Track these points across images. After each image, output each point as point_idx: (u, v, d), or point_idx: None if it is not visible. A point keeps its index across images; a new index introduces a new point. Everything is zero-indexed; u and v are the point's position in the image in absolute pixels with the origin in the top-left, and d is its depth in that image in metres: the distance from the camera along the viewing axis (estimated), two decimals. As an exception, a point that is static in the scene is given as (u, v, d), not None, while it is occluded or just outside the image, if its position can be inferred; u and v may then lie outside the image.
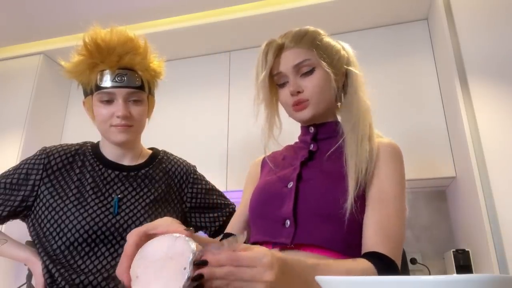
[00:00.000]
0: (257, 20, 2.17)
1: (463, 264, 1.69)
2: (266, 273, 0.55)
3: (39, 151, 1.15)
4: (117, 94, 1.09)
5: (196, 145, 2.23)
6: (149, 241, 0.62)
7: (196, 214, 1.23)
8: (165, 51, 1.23)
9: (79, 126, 2.53)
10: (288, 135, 1.04)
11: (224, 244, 0.56)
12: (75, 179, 1.11)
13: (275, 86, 0.97)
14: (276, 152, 1.05)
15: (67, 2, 2.15)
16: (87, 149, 1.18)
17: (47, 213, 1.07)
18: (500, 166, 1.54)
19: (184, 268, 0.54)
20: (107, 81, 1.08)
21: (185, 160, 1.29)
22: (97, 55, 1.08)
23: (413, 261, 1.96)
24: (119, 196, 1.11)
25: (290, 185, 0.89)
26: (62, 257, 1.04)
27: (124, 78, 1.09)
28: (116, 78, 1.08)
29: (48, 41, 2.47)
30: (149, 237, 0.63)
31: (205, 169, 1.37)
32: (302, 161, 0.93)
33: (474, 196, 1.57)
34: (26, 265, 1.10)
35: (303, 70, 0.92)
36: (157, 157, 1.24)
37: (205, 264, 0.55)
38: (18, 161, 1.89)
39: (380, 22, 2.17)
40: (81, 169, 1.13)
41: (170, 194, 1.19)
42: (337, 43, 0.97)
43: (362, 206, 0.83)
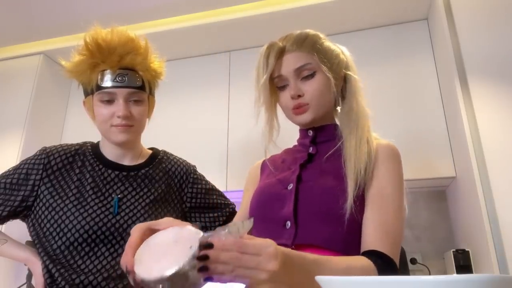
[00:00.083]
0: (257, 20, 2.17)
1: (463, 264, 1.69)
2: (270, 262, 0.56)
3: (39, 151, 1.15)
4: (118, 94, 1.09)
5: (196, 145, 2.23)
6: (155, 233, 0.63)
7: (196, 214, 1.23)
8: (165, 51, 1.23)
9: (79, 126, 2.53)
10: (287, 138, 1.04)
11: (229, 226, 0.56)
12: (75, 179, 1.11)
13: (275, 89, 0.97)
14: (275, 155, 1.06)
15: (67, 2, 2.15)
16: (87, 149, 1.18)
17: (47, 213, 1.07)
18: (500, 166, 1.54)
19: (191, 247, 0.54)
20: (108, 81, 1.08)
21: (185, 160, 1.29)
22: (98, 55, 1.08)
23: (413, 261, 1.96)
24: (119, 196, 1.11)
25: (290, 186, 0.89)
26: (62, 257, 1.04)
27: (125, 78, 1.09)
28: (117, 78, 1.08)
29: (48, 41, 2.47)
30: (153, 232, 0.64)
31: (205, 169, 1.37)
32: (301, 163, 0.93)
33: (474, 196, 1.57)
34: (26, 265, 1.10)
35: (304, 74, 0.92)
36: (157, 157, 1.24)
37: (211, 247, 0.55)
38: (18, 161, 1.89)
39: (380, 22, 2.17)
40: (81, 169, 1.13)
41: (170, 194, 1.19)
42: (336, 47, 0.98)
43: (362, 206, 0.84)
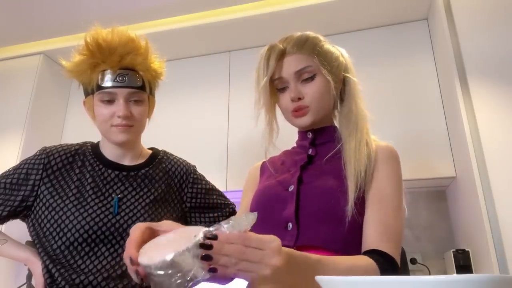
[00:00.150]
0: (257, 20, 2.17)
1: (463, 264, 1.69)
2: (274, 257, 0.55)
3: (39, 151, 1.15)
4: (118, 94, 1.09)
5: (196, 145, 2.23)
6: (159, 236, 0.63)
7: (196, 214, 1.23)
8: (165, 51, 1.23)
9: (79, 126, 2.53)
10: (286, 139, 1.04)
11: (232, 220, 0.56)
12: (75, 179, 1.11)
13: (275, 91, 0.97)
14: (274, 157, 1.06)
15: (67, 2, 2.15)
16: (87, 149, 1.18)
17: (47, 213, 1.07)
18: (500, 166, 1.54)
19: (195, 236, 0.55)
20: (108, 81, 1.08)
21: (185, 160, 1.29)
22: (99, 55, 1.08)
23: (413, 261, 1.96)
24: (119, 196, 1.11)
25: (291, 188, 0.89)
26: (62, 257, 1.04)
27: (125, 78, 1.09)
28: (117, 78, 1.08)
29: (48, 41, 2.47)
30: (153, 232, 0.64)
31: (205, 169, 1.37)
32: (301, 165, 0.94)
33: (474, 196, 1.57)
34: (26, 265, 1.10)
35: (304, 76, 0.92)
36: (157, 157, 1.24)
37: (215, 238, 0.55)
38: (18, 161, 1.89)
39: (380, 22, 2.17)
40: (81, 169, 1.13)
41: (170, 194, 1.19)
42: (336, 50, 0.98)
43: (362, 208, 0.84)
